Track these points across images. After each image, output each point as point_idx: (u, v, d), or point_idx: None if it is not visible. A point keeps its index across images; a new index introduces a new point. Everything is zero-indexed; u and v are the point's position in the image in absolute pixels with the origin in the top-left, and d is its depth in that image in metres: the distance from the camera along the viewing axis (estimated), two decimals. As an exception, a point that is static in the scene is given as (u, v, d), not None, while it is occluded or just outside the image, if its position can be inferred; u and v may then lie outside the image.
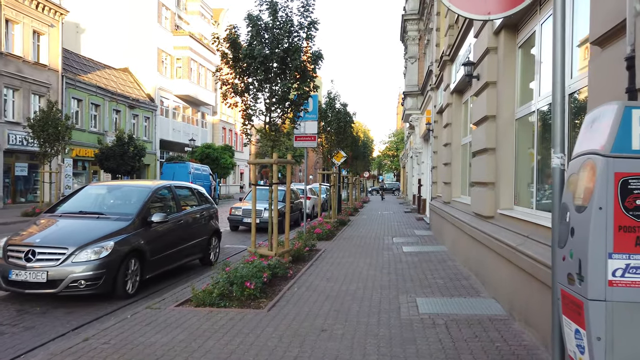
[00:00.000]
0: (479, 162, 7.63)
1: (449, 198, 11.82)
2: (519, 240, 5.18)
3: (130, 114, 33.05)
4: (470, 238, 7.84)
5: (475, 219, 7.84)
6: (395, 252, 10.27)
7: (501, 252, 5.77)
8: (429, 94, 16.55)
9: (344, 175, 24.34)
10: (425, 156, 20.40)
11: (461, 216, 9.11)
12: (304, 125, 11.31)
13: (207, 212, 9.18)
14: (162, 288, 7.27)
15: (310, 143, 11.36)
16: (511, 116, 6.65)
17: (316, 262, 8.98)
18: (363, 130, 78.48)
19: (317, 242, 11.63)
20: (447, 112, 11.97)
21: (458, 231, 9.21)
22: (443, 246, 11.00)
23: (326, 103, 15.58)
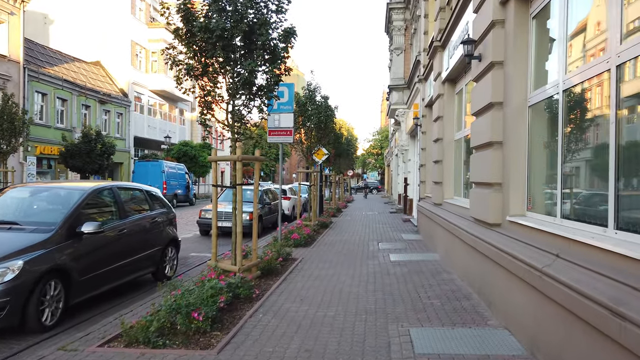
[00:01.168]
0: (480, 159, 6.44)
1: (440, 199, 10.65)
2: (545, 259, 3.98)
3: (101, 110, 31.28)
4: (469, 248, 6.65)
5: (475, 225, 6.65)
6: (382, 261, 9.05)
7: (516, 272, 4.57)
8: (416, 87, 15.39)
9: (326, 174, 23.10)
10: (411, 153, 19.27)
11: (457, 221, 7.93)
12: (278, 118, 10.03)
13: (162, 218, 7.83)
14: (95, 315, 5.91)
15: (286, 138, 10.07)
16: (522, 103, 5.46)
17: (290, 275, 7.70)
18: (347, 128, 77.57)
19: (293, 249, 10.37)
20: (438, 104, 10.79)
21: (453, 238, 8.03)
22: (435, 254, 9.82)
23: (305, 95, 14.30)
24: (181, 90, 6.83)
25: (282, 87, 9.81)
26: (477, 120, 6.65)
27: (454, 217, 8.50)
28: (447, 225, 8.64)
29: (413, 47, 17.84)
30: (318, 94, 14.42)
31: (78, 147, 22.65)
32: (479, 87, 6.54)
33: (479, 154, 6.52)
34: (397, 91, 19.48)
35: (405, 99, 19.25)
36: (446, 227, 8.78)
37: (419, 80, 14.48)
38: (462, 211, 8.18)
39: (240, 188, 6.68)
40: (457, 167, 9.94)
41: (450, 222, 8.42)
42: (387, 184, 51.80)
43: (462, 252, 7.26)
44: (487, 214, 6.04)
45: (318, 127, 14.26)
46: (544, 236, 4.45)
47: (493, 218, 5.87)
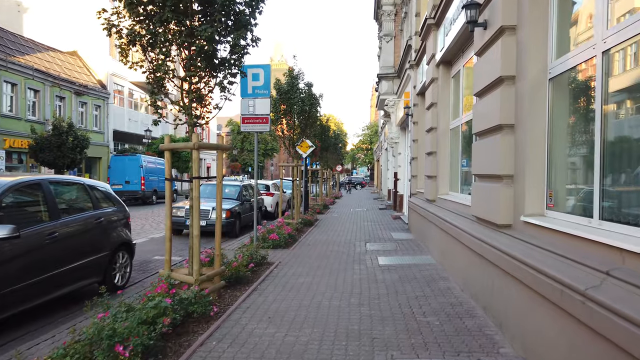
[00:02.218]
0: (486, 147, 5.38)
1: (433, 195, 9.60)
2: (588, 278, 2.91)
3: (78, 102, 29.80)
4: (471, 253, 5.60)
5: (479, 226, 5.59)
6: (369, 265, 7.97)
7: (540, 289, 3.52)
8: (407, 74, 14.31)
9: (312, 169, 21.98)
10: (402, 146, 18.23)
11: (455, 220, 6.88)
12: (253, 104, 8.89)
13: (110, 218, 6.66)
14: (15, 338, 4.75)
15: (262, 126, 8.93)
16: (541, 75, 4.39)
17: (262, 284, 6.59)
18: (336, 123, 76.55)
19: (271, 251, 9.27)
20: (432, 89, 9.72)
21: (450, 239, 6.98)
22: (428, 256, 8.77)
23: (288, 82, 13.14)
24: (127, 65, 5.67)
25: (257, 68, 8.72)
26: (482, 101, 5.58)
27: (450, 216, 7.45)
28: (443, 224, 7.60)
29: (403, 33, 16.76)
30: (301, 80, 13.28)
31: (48, 141, 21.25)
32: (485, 60, 5.46)
33: (484, 142, 5.45)
34: (386, 80, 18.39)
35: (395, 89, 18.18)
36: (442, 226, 7.74)
37: (410, 67, 13.41)
38: (461, 209, 7.13)
39: (197, 182, 5.54)
40: (454, 159, 8.89)
41: (446, 221, 7.37)
42: (376, 179, 50.86)
43: (462, 257, 6.21)
44: (494, 212, 4.98)
45: (301, 116, 13.11)
46: (577, 243, 3.39)
47: (503, 218, 4.82)
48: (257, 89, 8.80)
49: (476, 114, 5.84)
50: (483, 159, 5.48)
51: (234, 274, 6.48)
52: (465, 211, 6.80)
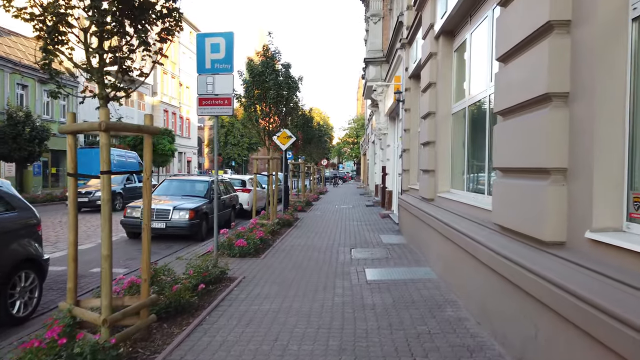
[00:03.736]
0: (519, 129, 3.82)
1: (431, 193, 8.06)
2: None
3: (42, 91, 27.69)
4: (494, 275, 4.06)
5: (507, 241, 4.04)
6: (354, 281, 6.39)
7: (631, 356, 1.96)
8: (397, 55, 12.73)
9: (293, 162, 20.35)
10: (391, 138, 16.69)
11: (463, 227, 5.34)
12: (212, 82, 7.22)
13: (7, 226, 4.96)
14: None
15: (223, 109, 7.26)
16: (619, 14, 2.84)
17: (212, 314, 4.98)
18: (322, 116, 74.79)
19: (237, 261, 7.67)
20: (430, 67, 8.15)
21: (458, 251, 5.44)
22: (427, 268, 7.22)
23: (262, 63, 11.46)
24: (7, 9, 3.99)
25: (216, 37, 7.07)
26: (511, 67, 4.01)
27: (456, 220, 5.91)
28: (446, 230, 6.06)
29: (393, 12, 15.16)
30: (278, 61, 11.60)
31: (2, 132, 19.27)
32: (518, 6, 3.87)
33: (515, 122, 3.89)
34: (374, 65, 16.79)
35: (383, 75, 16.60)
36: (444, 232, 6.20)
37: (402, 46, 11.83)
38: (472, 212, 5.58)
39: (107, 178, 3.86)
40: (457, 149, 7.35)
41: (451, 226, 5.83)
42: (363, 174, 49.41)
43: (477, 277, 4.66)
44: (536, 223, 3.43)
45: (277, 101, 11.45)
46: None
47: (551, 232, 3.26)
48: (217, 63, 7.13)
49: (501, 86, 4.26)
50: (513, 146, 3.91)
51: (173, 302, 4.84)
52: (480, 216, 5.25)
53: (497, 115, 4.40)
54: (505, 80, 4.14)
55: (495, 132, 4.43)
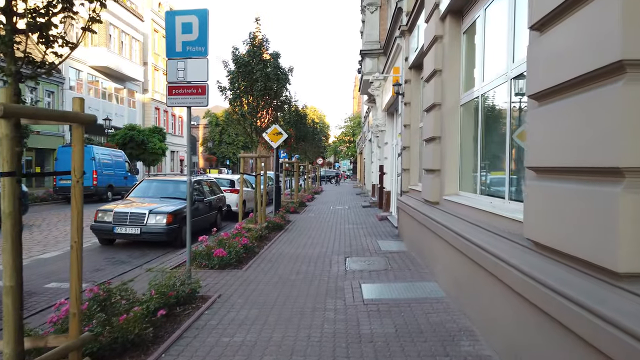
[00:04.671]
0: (566, 114, 2.86)
1: (436, 196, 7.10)
2: None
3: (24, 86, 26.52)
4: (531, 308, 3.10)
5: (550, 265, 3.07)
6: (349, 301, 5.42)
7: None
8: (396, 44, 11.76)
9: (286, 161, 19.35)
10: (389, 135, 15.71)
11: (481, 239, 4.38)
12: (183, 67, 6.22)
13: None
14: None
15: (196, 99, 6.26)
16: None
17: (169, 352, 3.99)
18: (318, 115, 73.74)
19: (214, 274, 6.69)
20: (435, 52, 7.17)
21: (474, 268, 4.48)
22: (432, 282, 6.25)
23: (248, 52, 10.47)
24: None
25: (188, 15, 6.11)
26: (555, 33, 3.04)
27: (468, 230, 4.95)
28: (456, 241, 5.10)
29: (390, 1, 14.18)
30: (266, 50, 10.60)
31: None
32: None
33: (561, 106, 2.93)
34: (371, 58, 15.80)
35: (381, 68, 15.61)
36: (454, 243, 5.24)
37: (401, 34, 10.85)
38: (489, 221, 4.62)
39: (10, 182, 2.85)
40: (466, 146, 6.39)
41: (462, 237, 4.88)
42: (359, 173, 48.48)
43: (504, 307, 3.69)
44: (602, 246, 2.46)
45: (265, 94, 10.44)
46: None
47: (626, 260, 2.29)
48: (189, 46, 6.13)
49: (537, 61, 3.28)
50: (559, 138, 2.94)
51: (120, 337, 3.85)
52: (500, 226, 4.29)
53: (530, 99, 3.43)
54: (544, 53, 3.17)
55: (530, 121, 3.45)
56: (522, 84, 4.47)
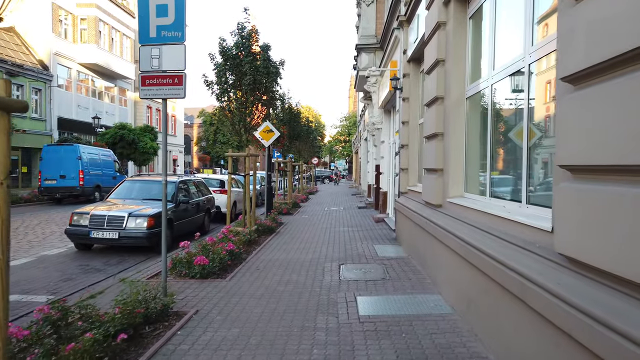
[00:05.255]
0: (618, 99, 2.22)
1: (438, 198, 6.48)
2: None
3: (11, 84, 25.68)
4: (567, 340, 2.47)
5: (587, 285, 2.44)
6: (343, 318, 4.78)
7: None
8: (394, 36, 11.13)
9: (279, 160, 18.69)
10: (386, 134, 15.09)
11: (494, 249, 3.77)
12: (158, 54, 5.57)
13: None
14: None
15: (172, 90, 5.60)
16: None
17: (129, 385, 3.33)
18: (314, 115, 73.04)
19: (193, 285, 6.04)
20: (437, 40, 6.55)
21: (488, 284, 3.86)
22: (437, 295, 5.62)
23: (237, 44, 9.81)
24: None
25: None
26: None
27: (478, 237, 4.34)
28: (464, 249, 4.48)
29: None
30: (255, 42, 9.94)
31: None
32: None
33: (611, 89, 2.30)
34: (367, 52, 15.17)
35: (377, 63, 14.99)
36: (461, 252, 4.62)
37: (399, 25, 10.22)
38: (503, 228, 3.99)
39: None
40: (472, 143, 5.78)
41: (471, 245, 4.26)
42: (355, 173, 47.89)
43: (528, 333, 3.06)
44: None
45: (254, 88, 9.78)
46: None
47: None
48: (164, 30, 5.47)
49: (574, 36, 2.65)
50: (607, 129, 2.31)
51: (65, 371, 3.19)
52: (518, 234, 3.66)
53: (563, 82, 2.80)
54: (583, 23, 2.54)
55: (562, 109, 2.83)
56: (544, 68, 3.85)
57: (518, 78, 4.34)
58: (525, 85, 4.10)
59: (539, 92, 4.00)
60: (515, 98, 4.45)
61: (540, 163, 4.01)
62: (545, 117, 4.00)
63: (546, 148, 3.88)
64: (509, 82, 4.63)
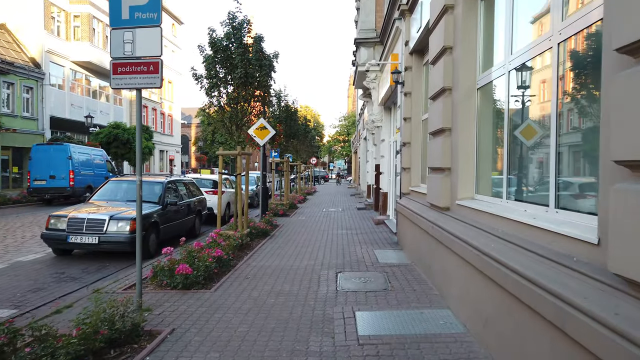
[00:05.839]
0: None
1: (446, 200, 5.87)
2: None
3: (1, 82, 25.10)
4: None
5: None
6: (339, 339, 4.15)
7: None
8: (395, 27, 10.50)
9: (275, 160, 18.04)
10: (386, 132, 14.47)
11: (521, 263, 3.17)
12: (131, 39, 4.95)
13: None
14: None
15: (147, 79, 4.98)
16: None
17: None
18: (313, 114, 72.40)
19: (174, 297, 5.43)
20: (444, 26, 5.92)
21: (514, 304, 3.25)
22: (446, 310, 4.99)
23: (227, 34, 9.18)
24: None
25: (135, -28, 4.79)
26: None
27: (498, 247, 3.74)
28: (480, 261, 3.88)
29: (388, -16, 12.93)
30: (246, 33, 9.31)
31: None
32: None
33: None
34: (366, 47, 14.55)
35: (377, 58, 14.36)
36: (477, 264, 4.01)
37: (401, 15, 9.61)
38: (531, 237, 3.37)
39: None
40: (485, 137, 5.17)
41: (491, 257, 3.66)
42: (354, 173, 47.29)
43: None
44: None
45: (245, 82, 9.15)
46: None
47: None
48: (138, 12, 4.85)
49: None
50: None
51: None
52: (552, 246, 3.05)
53: (620, 54, 2.18)
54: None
55: (617, 88, 2.21)
56: (577, 46, 3.23)
57: (543, 60, 3.73)
58: (553, 68, 3.48)
59: (571, 74, 3.39)
60: (542, 81, 3.83)
61: (572, 158, 3.40)
62: (576, 102, 3.39)
63: (583, 140, 3.27)
64: (531, 67, 4.01)
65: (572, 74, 3.38)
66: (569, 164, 3.40)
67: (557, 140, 3.37)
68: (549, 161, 3.47)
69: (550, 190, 3.46)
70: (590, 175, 3.08)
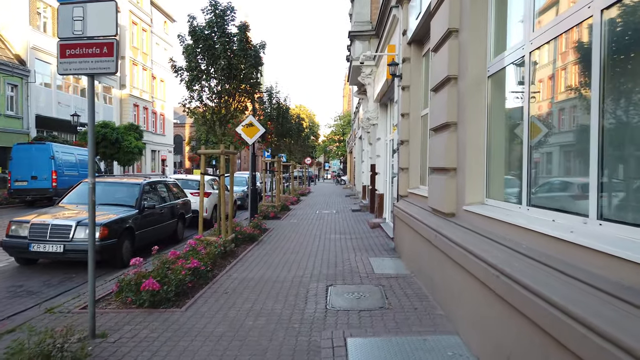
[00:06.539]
0: None
1: (450, 205, 5.13)
2: None
3: (-17, 79, 24.21)
4: None
5: None
6: (327, 376, 3.40)
7: None
8: (392, 15, 9.75)
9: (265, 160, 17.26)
10: (382, 130, 13.73)
11: (560, 292, 2.39)
12: (81, 15, 4.18)
13: None
14: None
15: (100, 63, 4.21)
16: None
17: None
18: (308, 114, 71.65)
19: (139, 316, 4.67)
20: (449, 7, 5.18)
21: (550, 345, 2.49)
22: (454, 337, 4.24)
23: (209, 22, 8.40)
24: None
25: None
26: None
27: (517, 264, 3.00)
28: (499, 284, 3.15)
29: (384, -27, 12.20)
30: (231, 22, 8.53)
31: None
32: None
33: None
34: (361, 40, 13.80)
35: (373, 51, 13.62)
36: (492, 285, 3.29)
37: (398, 3, 8.87)
38: (565, 256, 2.62)
39: None
40: (497, 133, 4.43)
41: (513, 279, 2.94)
42: (349, 174, 46.57)
43: None
44: None
45: (229, 76, 8.37)
46: None
47: None
48: (88, -18, 4.09)
49: None
50: None
51: None
52: (591, 267, 2.30)
53: None
54: None
55: None
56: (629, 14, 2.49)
57: (580, 34, 2.99)
58: (594, 43, 2.73)
59: (616, 52, 2.65)
60: (578, 61, 3.09)
61: (622, 157, 2.67)
62: (629, 84, 2.64)
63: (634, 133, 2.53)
64: (561, 44, 3.28)
65: (618, 52, 2.64)
66: (617, 164, 2.67)
67: (600, 134, 2.64)
68: (589, 160, 2.74)
69: (591, 196, 2.73)
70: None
